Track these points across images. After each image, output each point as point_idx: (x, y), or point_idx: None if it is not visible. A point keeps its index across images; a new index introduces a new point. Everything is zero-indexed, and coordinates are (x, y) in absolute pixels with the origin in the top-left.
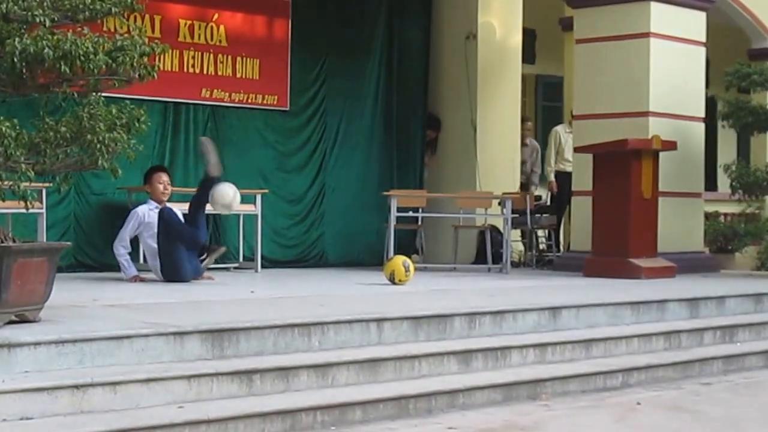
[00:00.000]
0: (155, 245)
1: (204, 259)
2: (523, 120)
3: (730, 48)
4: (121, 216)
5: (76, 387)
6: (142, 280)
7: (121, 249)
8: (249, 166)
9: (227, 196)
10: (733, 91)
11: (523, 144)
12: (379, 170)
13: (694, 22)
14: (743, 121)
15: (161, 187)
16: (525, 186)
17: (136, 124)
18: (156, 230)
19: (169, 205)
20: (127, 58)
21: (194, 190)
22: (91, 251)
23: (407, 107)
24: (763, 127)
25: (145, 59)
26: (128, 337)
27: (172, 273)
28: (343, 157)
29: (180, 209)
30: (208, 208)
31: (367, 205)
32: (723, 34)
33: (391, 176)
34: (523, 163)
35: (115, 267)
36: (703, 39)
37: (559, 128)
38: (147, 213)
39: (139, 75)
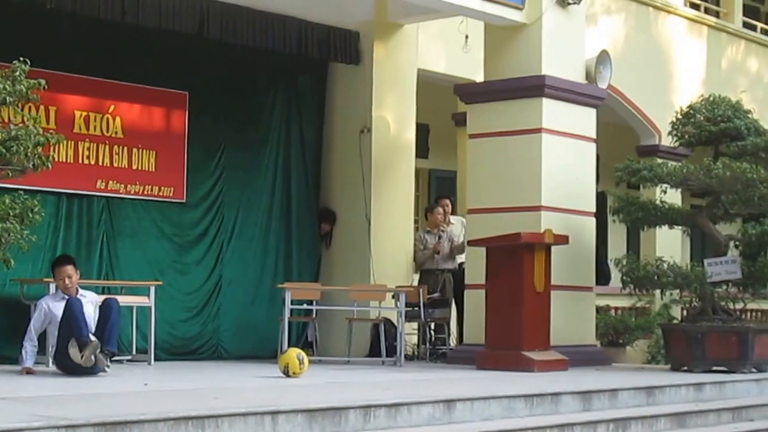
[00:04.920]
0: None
1: (82, 355)
2: (440, 198)
3: (619, 145)
4: (13, 308)
5: None
6: (31, 372)
7: (27, 343)
8: (144, 258)
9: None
10: (623, 187)
11: (449, 223)
12: (275, 263)
13: (585, 119)
14: (633, 215)
15: (62, 283)
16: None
17: (30, 215)
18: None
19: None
20: (21, 148)
21: (86, 281)
22: None
23: (303, 200)
24: (653, 222)
25: (40, 149)
26: (19, 430)
27: (64, 364)
28: (239, 250)
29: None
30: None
31: (263, 297)
32: (613, 131)
33: (287, 269)
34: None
35: (7, 360)
36: (594, 135)
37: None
38: (51, 304)
39: (33, 165)
